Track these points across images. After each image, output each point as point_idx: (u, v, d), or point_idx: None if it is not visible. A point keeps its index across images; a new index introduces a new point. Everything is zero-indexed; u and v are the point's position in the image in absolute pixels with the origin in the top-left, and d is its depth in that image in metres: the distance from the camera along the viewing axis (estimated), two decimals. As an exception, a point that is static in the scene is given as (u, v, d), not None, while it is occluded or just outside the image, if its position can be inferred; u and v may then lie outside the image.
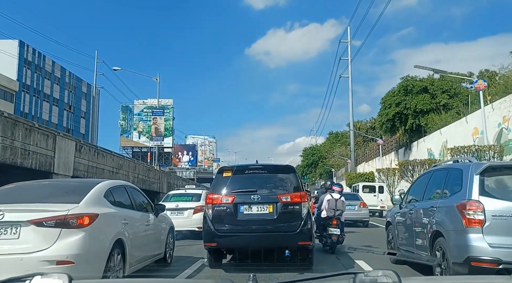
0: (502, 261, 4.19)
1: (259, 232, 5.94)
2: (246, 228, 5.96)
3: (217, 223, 6.00)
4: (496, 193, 4.58)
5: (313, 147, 73.99)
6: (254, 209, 5.99)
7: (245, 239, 6.03)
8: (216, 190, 6.21)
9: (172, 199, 11.87)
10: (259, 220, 5.94)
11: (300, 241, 5.95)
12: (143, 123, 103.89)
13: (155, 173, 26.39)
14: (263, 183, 6.29)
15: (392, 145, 32.62)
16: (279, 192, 6.13)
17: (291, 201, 6.00)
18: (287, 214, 5.97)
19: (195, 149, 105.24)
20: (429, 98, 25.09)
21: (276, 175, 6.53)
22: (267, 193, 6.12)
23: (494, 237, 4.32)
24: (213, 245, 6.08)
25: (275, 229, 5.91)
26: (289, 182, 6.29)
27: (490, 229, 4.34)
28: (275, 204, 5.96)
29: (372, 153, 40.12)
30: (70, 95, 60.82)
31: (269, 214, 5.95)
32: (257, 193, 6.03)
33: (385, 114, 27.16)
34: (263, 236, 5.96)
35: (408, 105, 25.79)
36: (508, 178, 4.86)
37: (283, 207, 5.96)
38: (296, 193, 6.10)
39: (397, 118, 26.84)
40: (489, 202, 4.43)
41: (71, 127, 60.96)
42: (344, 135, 66.59)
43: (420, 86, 25.61)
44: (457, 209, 4.61)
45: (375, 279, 1.16)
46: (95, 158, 17.27)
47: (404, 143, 29.70)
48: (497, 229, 4.35)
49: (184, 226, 10.87)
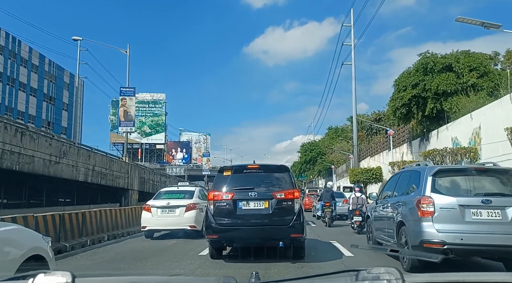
0: (446, 242, 5.51)
1: (256, 225, 6.64)
2: (244, 222, 6.68)
3: (218, 217, 6.67)
4: (443, 190, 5.94)
5: (311, 142, 69.75)
6: (251, 205, 6.69)
7: (243, 231, 6.71)
8: (217, 188, 6.88)
9: (164, 196, 11.54)
10: (256, 214, 6.65)
11: (293, 234, 6.63)
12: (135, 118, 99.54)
13: (122, 166, 21.72)
14: (260, 181, 6.97)
15: (404, 135, 28.53)
16: (274, 189, 6.82)
17: (284, 198, 6.71)
18: (281, 209, 6.67)
19: (189, 146, 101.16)
20: (454, 77, 20.98)
21: (271, 174, 7.17)
22: (263, 190, 6.80)
23: (440, 224, 5.63)
24: (215, 237, 6.74)
25: (270, 222, 6.61)
26: (283, 181, 6.98)
27: (438, 219, 5.66)
28: (270, 200, 6.68)
29: (378, 146, 36.07)
30: (50, 85, 56.29)
31: (265, 209, 6.66)
32: (254, 190, 6.73)
33: (399, 98, 23.04)
34: (259, 229, 6.63)
35: (427, 86, 21.69)
36: (452, 179, 6.25)
37: (278, 203, 6.67)
38: (290, 190, 6.81)
39: (413, 103, 22.74)
40: (437, 198, 5.77)
41: (51, 120, 56.56)
42: (345, 131, 62.59)
43: (443, 64, 21.50)
44: (415, 203, 5.96)
45: (378, 276, 1.18)
46: (18, 140, 12.80)
47: (419, 132, 25.60)
48: (443, 218, 5.66)
49: (175, 225, 10.73)
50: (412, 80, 22.39)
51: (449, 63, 21.40)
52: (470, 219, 5.55)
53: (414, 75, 22.52)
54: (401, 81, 23.47)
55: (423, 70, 22.13)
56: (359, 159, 42.09)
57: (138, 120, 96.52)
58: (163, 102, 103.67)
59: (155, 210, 10.77)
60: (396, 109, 23.47)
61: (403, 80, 23.36)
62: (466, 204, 5.65)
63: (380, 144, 35.82)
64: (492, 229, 5.50)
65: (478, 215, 5.57)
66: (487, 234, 5.46)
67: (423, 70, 22.11)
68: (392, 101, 23.78)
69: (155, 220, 10.72)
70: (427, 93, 21.92)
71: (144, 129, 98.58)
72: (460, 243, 5.43)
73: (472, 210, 5.59)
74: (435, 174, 5.96)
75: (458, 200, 5.71)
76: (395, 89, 24.26)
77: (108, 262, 7.35)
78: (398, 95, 23.29)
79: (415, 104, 22.82)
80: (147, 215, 10.85)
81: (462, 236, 5.46)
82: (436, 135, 22.91)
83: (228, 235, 6.71)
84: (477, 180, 6.10)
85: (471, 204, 5.65)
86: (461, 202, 5.67)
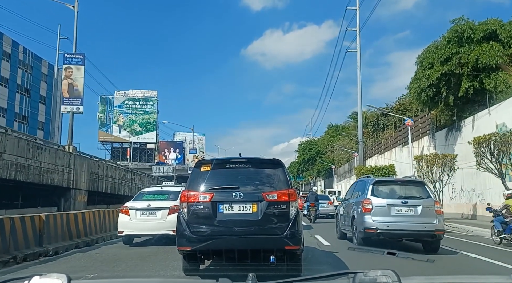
0: (378, 228, 8.37)
1: (241, 234, 5.27)
2: (226, 230, 5.30)
3: (192, 224, 5.33)
4: (378, 194, 8.89)
5: (310, 140, 64.94)
6: (235, 209, 5.34)
7: (225, 242, 5.31)
8: (193, 186, 5.51)
9: (145, 198, 10.36)
10: (241, 221, 5.29)
11: (287, 245, 5.27)
12: (124, 116, 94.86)
13: (58, 156, 16.31)
14: (247, 179, 5.65)
15: (425, 127, 23.90)
16: (264, 189, 5.45)
17: (277, 200, 5.35)
18: (273, 214, 5.33)
19: (183, 146, 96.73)
20: (499, 48, 16.44)
21: (261, 170, 5.83)
22: (251, 190, 5.46)
23: (375, 217, 8.53)
24: (188, 249, 5.42)
25: (259, 231, 5.27)
26: (276, 178, 5.61)
27: (374, 213, 8.56)
28: (259, 203, 5.32)
29: (389, 142, 31.41)
30: (25, 76, 51.26)
31: (253, 214, 5.31)
32: (239, 190, 5.35)
33: (425, 77, 18.46)
34: (245, 239, 5.26)
35: (464, 60, 17.14)
36: (385, 187, 9.29)
37: (269, 206, 5.31)
38: (284, 190, 5.42)
39: (443, 82, 18.17)
40: (374, 199, 8.71)
41: (26, 114, 51.59)
42: (346, 128, 58.03)
43: (485, 32, 16.94)
44: (361, 203, 8.85)
45: (375, 279, 1.17)
46: None
47: (447, 121, 21.00)
48: (377, 213, 8.56)
49: (156, 230, 9.71)
50: (443, 54, 17.80)
51: (493, 30, 16.84)
52: (394, 213, 8.59)
53: (444, 48, 17.93)
54: (427, 57, 18.89)
55: (457, 41, 17.57)
56: (365, 157, 37.57)
57: (128, 118, 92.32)
58: (155, 100, 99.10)
59: (134, 213, 9.73)
60: (421, 92, 18.85)
61: (429, 55, 18.77)
62: (392, 203, 8.71)
63: (391, 139, 31.21)
64: (408, 220, 8.50)
65: (399, 211, 8.62)
66: (405, 223, 8.45)
67: (458, 40, 17.54)
68: (416, 82, 19.15)
69: (134, 224, 9.72)
70: (463, 69, 17.35)
71: (134, 127, 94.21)
72: (387, 229, 8.44)
73: (395, 207, 8.65)
74: (374, 184, 9.14)
75: (387, 201, 8.77)
76: (418, 68, 19.67)
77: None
78: (424, 74, 18.69)
79: (445, 84, 18.25)
80: (125, 218, 9.81)
81: (388, 224, 8.47)
82: (471, 123, 18.31)
83: (205, 246, 5.29)
84: (400, 188, 9.34)
85: (395, 203, 8.71)
86: (389, 202, 8.73)
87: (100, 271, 6.66)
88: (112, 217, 11.38)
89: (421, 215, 8.40)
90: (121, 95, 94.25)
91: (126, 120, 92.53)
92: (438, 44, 18.84)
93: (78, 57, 19.33)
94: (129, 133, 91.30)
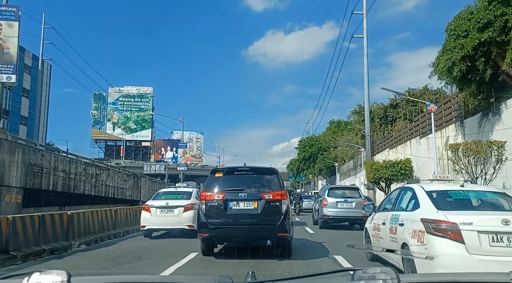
0: (330, 216, 15.07)
1: (245, 224, 7.25)
2: (234, 221, 7.28)
3: (209, 216, 7.31)
4: (331, 195, 15.54)
5: (311, 137, 61.27)
6: (241, 205, 7.32)
7: (233, 230, 7.38)
8: (209, 188, 7.56)
9: (163, 197, 12.16)
10: (245, 214, 7.26)
11: (280, 233, 7.28)
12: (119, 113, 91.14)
13: None
14: (250, 183, 7.61)
15: (450, 113, 20.32)
16: (263, 190, 7.44)
17: (272, 198, 7.32)
18: (269, 209, 7.28)
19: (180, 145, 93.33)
20: (558, 5, 12.93)
21: (261, 176, 7.83)
22: (253, 191, 7.42)
23: (328, 208, 15.13)
24: (206, 235, 7.41)
25: (258, 222, 7.24)
26: (272, 182, 7.61)
27: (328, 207, 15.18)
28: (259, 201, 7.29)
29: (403, 134, 27.84)
30: (5, 66, 47.77)
31: (254, 209, 7.27)
32: (244, 191, 7.36)
33: (459, 47, 14.90)
34: (249, 228, 7.27)
35: (510, 24, 13.60)
36: (336, 190, 16.28)
37: (266, 204, 7.29)
38: (277, 191, 7.42)
39: (480, 54, 14.62)
40: (329, 199, 15.35)
41: (7, 107, 48.01)
42: (349, 124, 54.48)
43: (538, -15, 13.42)
44: (321, 201, 15.78)
45: (373, 276, 1.17)
46: None
47: (480, 104, 17.44)
48: (330, 206, 15.17)
49: (174, 224, 11.40)
50: (482, 17, 14.24)
51: (550, -17, 13.29)
52: (339, 206, 15.09)
53: (484, 10, 14.37)
54: (460, 24, 15.31)
55: (501, 0, 14.01)
56: (373, 153, 34.04)
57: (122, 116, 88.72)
58: (150, 97, 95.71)
59: (154, 210, 11.46)
60: (452, 65, 15.26)
61: (463, 22, 15.21)
62: (338, 200, 15.18)
63: (405, 131, 27.66)
64: (347, 209, 15.06)
65: (342, 204, 15.14)
66: (346, 212, 15.06)
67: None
68: (446, 54, 15.54)
69: (154, 220, 11.39)
70: (508, 35, 13.81)
71: (129, 125, 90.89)
72: (334, 215, 14.95)
73: (340, 203, 15.15)
74: (329, 189, 16.10)
75: (336, 199, 15.25)
76: (447, 37, 16.09)
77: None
78: (456, 44, 15.10)
79: (482, 55, 14.67)
80: (147, 215, 11.55)
81: (336, 212, 14.97)
82: (516, 104, 14.76)
83: (219, 233, 7.36)
84: (346, 191, 16.27)
85: (339, 200, 15.18)
86: (336, 200, 15.19)
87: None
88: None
89: (355, 207, 15.00)
90: (116, 92, 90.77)
91: (121, 118, 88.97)
92: (471, 10, 15.31)
93: (10, 10, 15.57)
94: (124, 131, 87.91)
